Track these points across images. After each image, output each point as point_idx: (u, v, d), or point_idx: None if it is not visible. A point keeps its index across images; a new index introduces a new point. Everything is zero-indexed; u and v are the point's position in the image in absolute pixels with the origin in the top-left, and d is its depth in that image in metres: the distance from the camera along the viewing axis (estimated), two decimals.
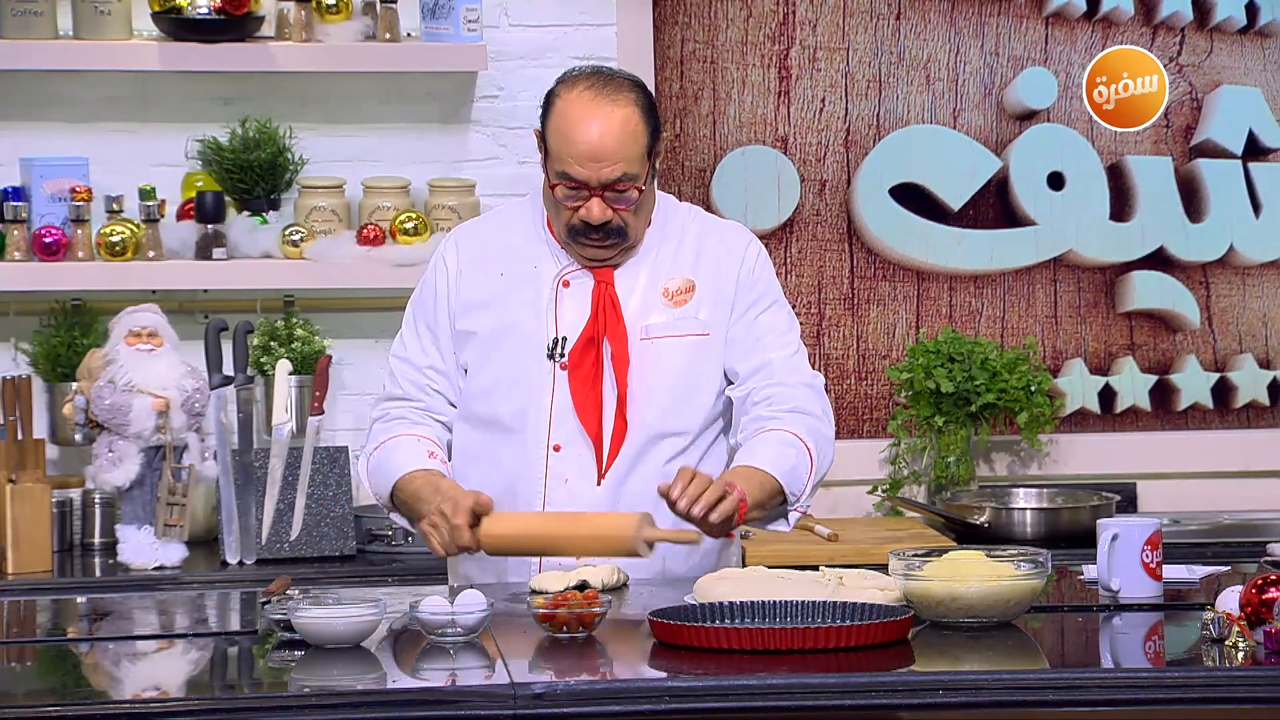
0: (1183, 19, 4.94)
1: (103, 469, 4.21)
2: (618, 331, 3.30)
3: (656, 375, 3.31)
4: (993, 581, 2.83)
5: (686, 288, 3.35)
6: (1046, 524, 4.46)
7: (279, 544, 4.27)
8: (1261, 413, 4.98)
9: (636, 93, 3.29)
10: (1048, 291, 4.94)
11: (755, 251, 3.40)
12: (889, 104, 4.89)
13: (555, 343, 3.31)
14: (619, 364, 3.29)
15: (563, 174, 3.26)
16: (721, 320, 3.35)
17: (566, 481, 3.30)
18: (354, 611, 2.79)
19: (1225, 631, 2.69)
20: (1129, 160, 4.94)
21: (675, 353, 3.32)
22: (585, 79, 3.29)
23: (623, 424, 3.30)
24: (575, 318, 3.32)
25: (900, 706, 2.55)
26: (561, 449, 3.30)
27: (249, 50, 4.49)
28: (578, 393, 3.30)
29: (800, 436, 3.27)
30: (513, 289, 3.35)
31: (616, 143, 3.24)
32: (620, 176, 3.24)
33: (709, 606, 2.82)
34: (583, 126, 3.24)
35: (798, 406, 3.31)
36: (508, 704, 2.52)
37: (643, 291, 3.33)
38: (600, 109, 3.24)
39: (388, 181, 4.63)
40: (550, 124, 3.30)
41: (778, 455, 3.25)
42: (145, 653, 2.90)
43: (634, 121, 3.26)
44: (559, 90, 3.32)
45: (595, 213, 3.26)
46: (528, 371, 3.32)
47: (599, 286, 3.33)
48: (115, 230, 4.45)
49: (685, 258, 3.36)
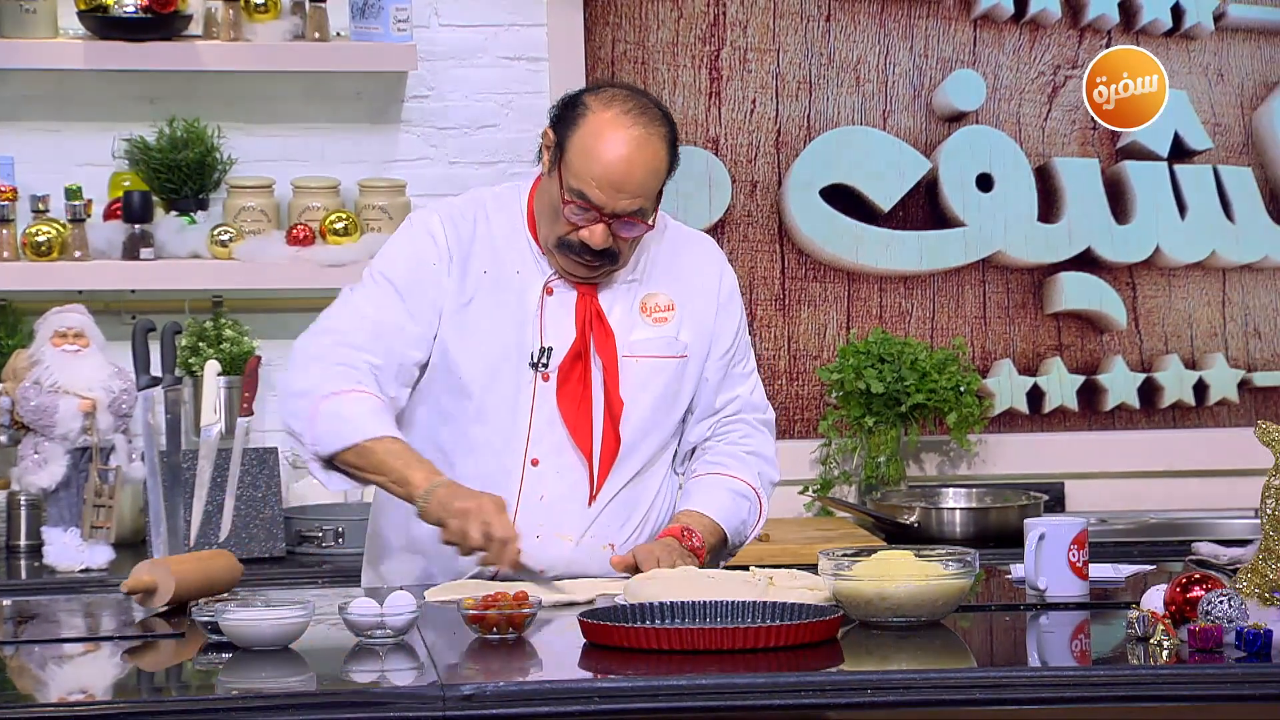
0: (1109, 22, 4.98)
1: (28, 471, 4.17)
2: (607, 346, 3.22)
3: (642, 394, 3.25)
4: (921, 581, 2.84)
5: (667, 305, 3.29)
6: (975, 524, 4.48)
7: (207, 546, 4.24)
8: (1187, 413, 5.03)
9: (667, 126, 3.18)
10: (977, 292, 4.97)
11: (731, 281, 3.36)
12: (819, 105, 4.90)
13: (541, 352, 3.22)
14: (610, 379, 3.22)
15: (579, 193, 3.14)
16: (699, 346, 3.31)
17: (542, 498, 3.21)
18: (282, 613, 2.77)
19: (1150, 630, 2.71)
20: (1056, 162, 4.98)
21: (658, 374, 3.27)
22: (623, 99, 3.16)
23: (614, 441, 3.23)
24: (560, 329, 3.23)
25: (829, 706, 2.56)
26: (540, 464, 3.22)
27: (176, 49, 4.46)
28: (567, 409, 3.21)
29: (756, 490, 3.33)
30: (496, 290, 3.23)
31: (642, 177, 3.14)
32: (636, 210, 3.16)
33: (638, 607, 2.82)
34: (613, 152, 3.12)
35: (756, 450, 3.35)
36: (437, 705, 2.51)
37: (624, 306, 3.26)
38: (634, 138, 3.13)
39: (317, 181, 4.61)
40: (576, 137, 3.15)
41: (733, 510, 3.30)
42: (71, 656, 2.88)
43: (661, 157, 3.16)
44: (591, 104, 3.17)
45: (599, 238, 3.16)
46: (508, 381, 3.22)
47: (583, 299, 3.24)
48: (41, 230, 4.41)
49: (662, 273, 3.30)
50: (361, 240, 4.51)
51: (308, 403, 3.16)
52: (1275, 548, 2.81)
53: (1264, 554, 2.82)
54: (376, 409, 3.16)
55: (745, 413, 3.36)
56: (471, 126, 4.74)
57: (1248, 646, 2.66)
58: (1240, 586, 2.81)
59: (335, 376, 3.16)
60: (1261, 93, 5.04)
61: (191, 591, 3.07)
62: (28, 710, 2.52)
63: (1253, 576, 2.82)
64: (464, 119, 4.74)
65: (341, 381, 3.16)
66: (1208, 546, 3.50)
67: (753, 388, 3.39)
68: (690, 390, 3.32)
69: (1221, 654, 2.67)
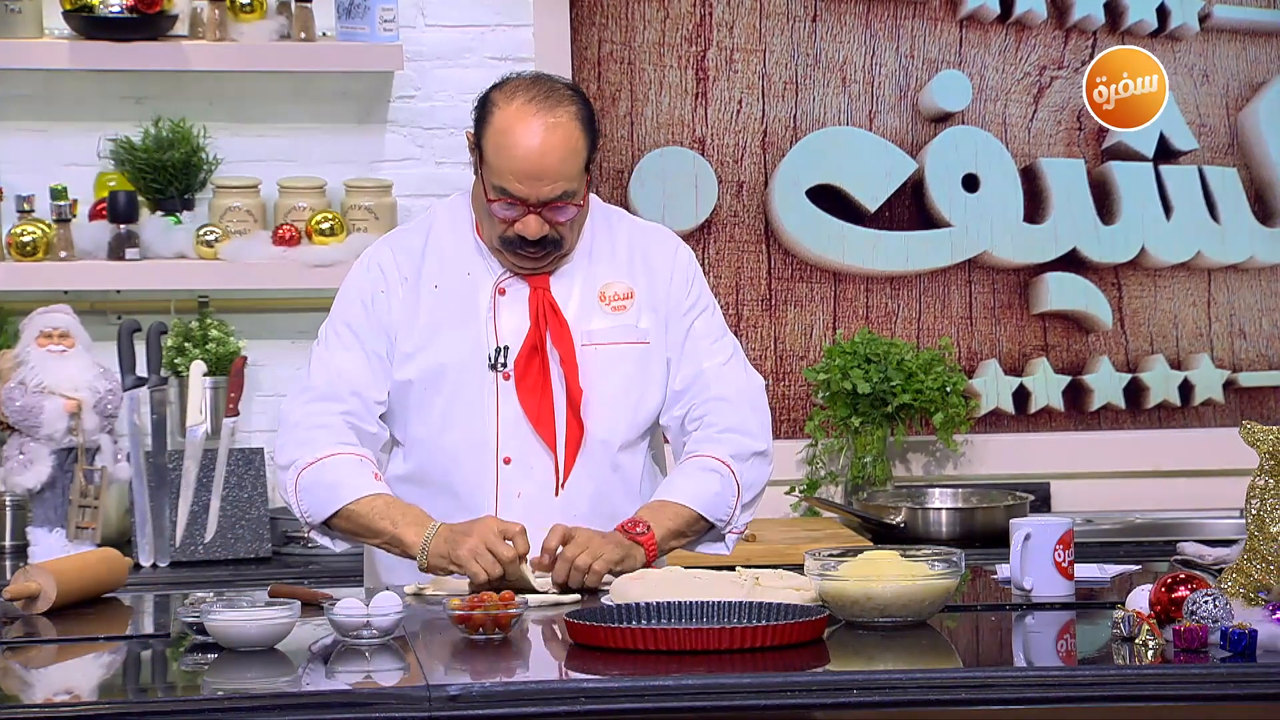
0: (1095, 22, 4.99)
1: (13, 471, 4.16)
2: (562, 337, 3.26)
3: (604, 382, 3.27)
4: (907, 581, 2.84)
5: (625, 294, 3.31)
6: (961, 524, 4.49)
7: (193, 546, 4.24)
8: (1172, 413, 5.03)
9: (577, 105, 3.22)
10: (963, 293, 4.97)
11: (685, 258, 3.38)
12: (805, 106, 4.91)
13: (497, 352, 3.26)
14: (568, 369, 3.25)
15: (500, 189, 3.20)
16: (659, 330, 3.32)
17: (519, 495, 3.25)
18: (268, 614, 2.77)
19: (1135, 630, 2.71)
20: (1042, 163, 4.98)
21: (620, 361, 3.29)
22: (525, 90, 3.21)
23: (578, 430, 3.25)
24: (515, 326, 3.27)
25: (815, 706, 2.56)
26: (512, 461, 3.25)
27: (161, 49, 4.46)
28: (528, 402, 3.24)
29: (724, 460, 3.29)
30: (448, 301, 3.28)
31: (557, 161, 3.17)
32: (560, 195, 3.19)
33: (625, 607, 2.83)
34: (523, 144, 3.17)
35: (730, 426, 3.31)
36: (423, 706, 2.51)
37: (580, 296, 3.29)
38: (541, 126, 3.17)
39: (303, 182, 4.60)
40: (488, 136, 3.22)
41: (698, 486, 3.27)
42: (57, 657, 2.87)
43: (574, 137, 3.19)
44: (497, 100, 3.23)
45: (532, 228, 3.20)
46: (470, 385, 3.26)
47: (535, 293, 3.27)
48: (26, 230, 4.40)
49: (619, 262, 3.33)
50: (347, 241, 4.50)
51: (292, 474, 3.26)
52: (1260, 548, 2.82)
53: (1249, 554, 2.83)
54: (355, 468, 3.23)
55: (716, 386, 3.32)
56: (458, 127, 4.74)
57: (1232, 646, 2.66)
58: (1225, 586, 2.82)
59: (312, 442, 3.25)
60: (1247, 93, 5.05)
61: (74, 594, 3.10)
62: (13, 712, 2.51)
63: (1238, 576, 2.83)
64: (450, 119, 4.74)
65: (319, 447, 3.24)
66: (1193, 546, 3.50)
67: (724, 361, 3.35)
68: (659, 377, 3.33)
69: (1206, 654, 2.67)
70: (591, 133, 3.23)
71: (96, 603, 3.20)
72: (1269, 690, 2.61)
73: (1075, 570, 3.13)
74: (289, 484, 3.26)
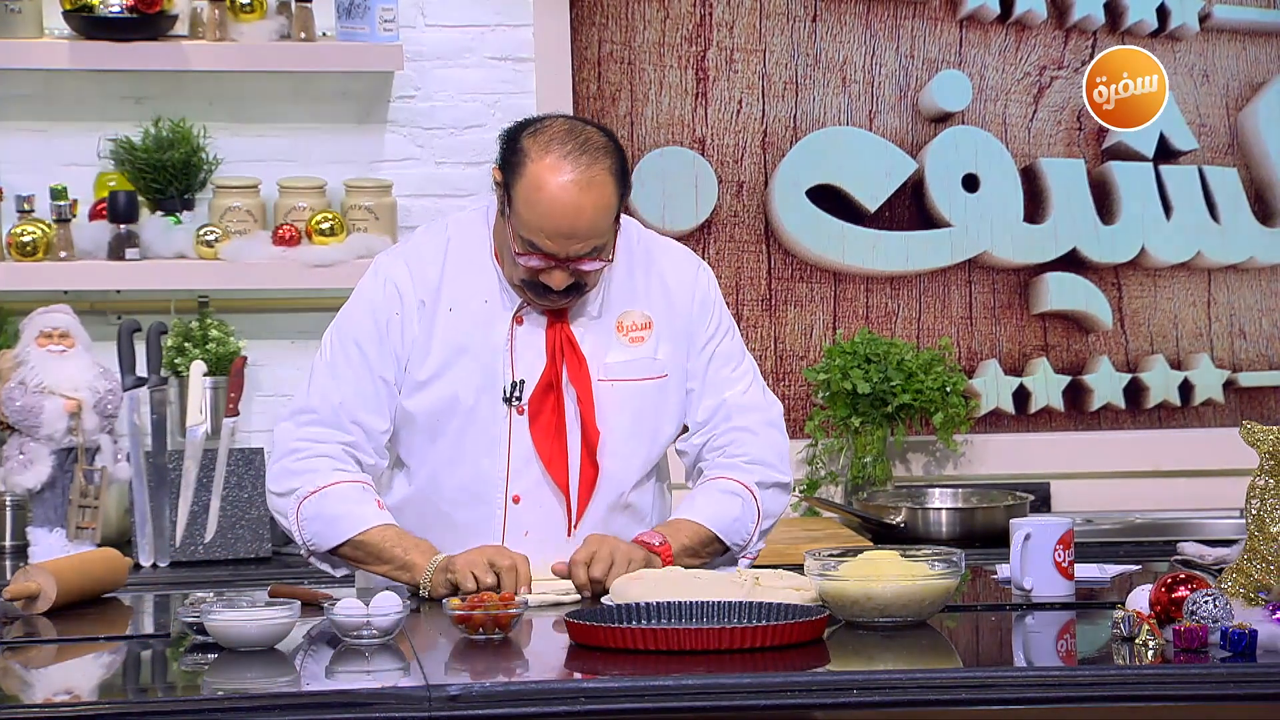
0: (1095, 22, 4.99)
1: (14, 471, 4.17)
2: (580, 374, 3.19)
3: (619, 419, 3.22)
4: (907, 581, 2.85)
5: (644, 324, 3.24)
6: (961, 524, 4.49)
7: (193, 546, 4.24)
8: (1172, 413, 5.03)
9: (611, 159, 3.11)
10: (963, 293, 4.97)
11: (706, 281, 3.31)
12: (805, 106, 4.91)
13: (513, 386, 3.19)
14: (585, 408, 3.19)
15: (530, 244, 3.11)
16: (679, 360, 3.27)
17: (527, 534, 3.20)
18: (268, 614, 2.77)
19: (1135, 630, 2.71)
20: (1042, 163, 4.98)
21: (636, 397, 3.23)
22: (560, 143, 3.09)
23: (592, 471, 3.20)
24: (531, 359, 3.20)
25: (815, 706, 2.56)
26: (521, 500, 3.21)
27: (162, 49, 4.46)
28: (541, 442, 3.18)
29: (749, 486, 3.27)
30: (464, 328, 3.20)
31: (591, 221, 3.08)
32: (590, 251, 3.12)
33: (624, 607, 2.83)
34: (558, 204, 3.06)
35: (755, 458, 3.29)
36: (423, 706, 2.51)
37: (598, 327, 3.22)
38: (575, 187, 3.06)
39: (303, 182, 4.60)
40: (519, 187, 3.10)
41: (718, 508, 3.25)
42: (57, 657, 2.88)
43: (608, 195, 3.10)
44: (530, 150, 3.10)
45: (558, 280, 3.13)
46: (483, 418, 3.19)
47: (553, 327, 3.20)
48: (26, 230, 4.40)
49: (638, 288, 3.26)
50: (347, 241, 4.51)
51: (293, 502, 3.20)
52: (1260, 548, 2.82)
53: (1249, 554, 2.83)
54: (359, 496, 3.18)
55: (738, 417, 3.30)
56: (458, 127, 4.74)
57: (1232, 646, 2.66)
58: (1225, 586, 2.82)
59: (313, 471, 3.20)
60: (1246, 93, 5.05)
61: (74, 594, 3.10)
62: (13, 712, 2.51)
63: (1237, 576, 2.83)
64: (450, 119, 4.74)
65: (320, 477, 3.19)
66: (1193, 546, 3.51)
67: (745, 388, 3.32)
68: (676, 408, 3.29)
69: (1206, 654, 2.67)
70: (624, 185, 3.13)
71: (96, 603, 3.20)
72: (1269, 690, 2.61)
73: (1075, 570, 3.13)
74: (289, 511, 3.21)
